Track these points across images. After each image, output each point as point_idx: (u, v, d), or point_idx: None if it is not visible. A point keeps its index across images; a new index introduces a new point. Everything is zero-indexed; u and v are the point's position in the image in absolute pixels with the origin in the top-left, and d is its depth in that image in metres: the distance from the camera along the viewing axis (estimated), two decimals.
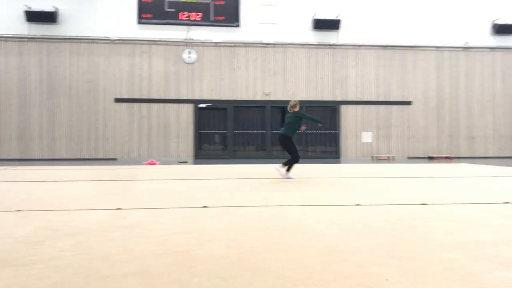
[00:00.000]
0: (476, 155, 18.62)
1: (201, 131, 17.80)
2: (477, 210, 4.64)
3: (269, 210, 4.62)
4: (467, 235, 3.40)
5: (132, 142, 17.39)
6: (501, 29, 18.60)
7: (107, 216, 4.24)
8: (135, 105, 17.46)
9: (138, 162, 15.72)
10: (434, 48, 18.64)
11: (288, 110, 8.71)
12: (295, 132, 8.55)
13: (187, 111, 17.64)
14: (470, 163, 14.84)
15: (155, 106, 17.52)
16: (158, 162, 15.06)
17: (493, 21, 18.77)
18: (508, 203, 5.10)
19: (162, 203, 5.12)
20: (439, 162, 15.54)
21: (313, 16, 17.97)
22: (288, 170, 8.46)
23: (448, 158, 17.95)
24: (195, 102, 17.68)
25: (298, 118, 8.52)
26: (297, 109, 8.64)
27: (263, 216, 4.25)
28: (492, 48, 18.84)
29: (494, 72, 18.91)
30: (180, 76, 17.69)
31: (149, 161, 14.73)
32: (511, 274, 2.39)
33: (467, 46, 18.68)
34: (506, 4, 18.88)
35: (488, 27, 18.90)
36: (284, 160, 8.59)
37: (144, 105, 17.49)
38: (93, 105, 17.30)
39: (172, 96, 17.60)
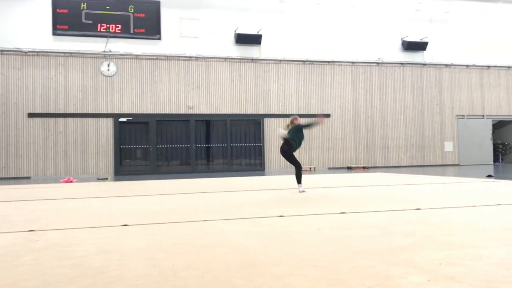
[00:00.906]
0: (391, 164, 19.70)
1: (122, 146, 17.26)
2: (391, 217, 4.88)
3: (191, 226, 4.56)
4: (382, 241, 3.57)
5: (47, 159, 16.46)
6: (409, 46, 19.97)
7: (18, 239, 3.96)
8: (51, 120, 16.58)
9: (54, 180, 14.90)
10: (350, 63, 19.56)
11: (289, 126, 8.53)
12: (297, 144, 8.43)
13: (107, 125, 17.04)
14: (385, 172, 15.67)
15: (72, 120, 16.73)
16: (76, 180, 14.38)
17: (402, 38, 20.10)
18: (419, 209, 5.42)
19: (79, 223, 4.87)
20: (357, 172, 16.24)
21: (235, 30, 18.18)
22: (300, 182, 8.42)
23: (365, 168, 18.82)
24: (115, 116, 17.13)
25: (299, 130, 8.44)
26: (297, 122, 8.55)
27: (185, 232, 4.19)
28: (402, 64, 20.14)
29: (404, 86, 20.19)
30: (99, 89, 17.08)
31: (66, 179, 14.01)
32: (423, 277, 2.53)
33: (380, 61, 19.82)
34: (412, 22, 20.30)
35: (398, 44, 20.19)
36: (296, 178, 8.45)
37: (60, 120, 16.66)
38: (4, 121, 16.20)
39: (91, 110, 16.94)
